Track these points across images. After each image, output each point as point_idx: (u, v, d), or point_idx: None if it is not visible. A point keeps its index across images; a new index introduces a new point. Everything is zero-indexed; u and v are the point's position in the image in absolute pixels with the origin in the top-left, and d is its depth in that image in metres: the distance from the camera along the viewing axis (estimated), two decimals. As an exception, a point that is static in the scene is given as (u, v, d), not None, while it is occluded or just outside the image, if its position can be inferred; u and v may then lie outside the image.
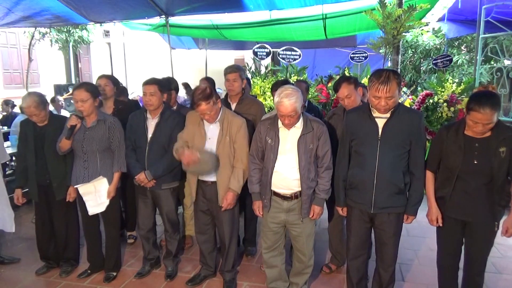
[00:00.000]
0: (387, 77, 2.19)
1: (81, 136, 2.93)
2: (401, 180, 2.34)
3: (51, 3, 5.28)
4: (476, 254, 2.42)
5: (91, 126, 2.94)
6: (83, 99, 2.86)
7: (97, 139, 2.93)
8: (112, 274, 3.19)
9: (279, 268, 2.80)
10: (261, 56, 5.90)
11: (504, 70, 5.39)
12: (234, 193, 2.74)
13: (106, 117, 3.03)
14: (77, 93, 2.88)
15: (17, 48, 10.00)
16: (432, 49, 8.28)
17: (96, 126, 2.95)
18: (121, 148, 3.02)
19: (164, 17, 6.03)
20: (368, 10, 4.77)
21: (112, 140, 2.98)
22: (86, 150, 2.93)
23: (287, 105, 2.32)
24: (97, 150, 2.94)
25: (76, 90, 2.90)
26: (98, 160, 2.97)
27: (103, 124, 2.96)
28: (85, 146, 2.92)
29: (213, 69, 8.85)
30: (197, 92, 2.64)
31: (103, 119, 2.98)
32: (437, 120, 5.04)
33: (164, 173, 2.96)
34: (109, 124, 2.98)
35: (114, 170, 3.01)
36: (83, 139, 2.92)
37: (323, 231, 3.82)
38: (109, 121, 2.99)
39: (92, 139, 2.92)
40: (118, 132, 3.01)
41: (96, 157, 2.96)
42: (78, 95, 2.87)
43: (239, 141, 2.74)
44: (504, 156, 2.20)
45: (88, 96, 2.87)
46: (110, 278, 3.15)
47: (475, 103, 2.11)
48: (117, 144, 3.01)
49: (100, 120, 2.97)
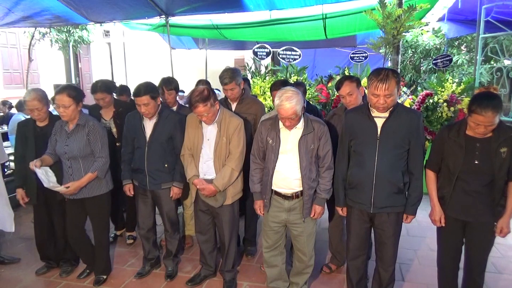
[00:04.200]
0: (386, 75, 2.20)
1: (63, 142, 2.83)
2: (400, 179, 2.34)
3: (51, 3, 5.28)
4: (476, 254, 2.42)
5: (72, 130, 2.83)
6: (65, 105, 2.72)
7: (78, 145, 2.81)
8: (102, 277, 3.14)
9: (279, 267, 2.80)
10: (261, 56, 5.91)
11: (504, 70, 5.40)
12: (215, 188, 2.72)
13: (88, 121, 2.87)
14: (58, 98, 2.72)
15: (17, 48, 10.00)
16: (432, 49, 8.28)
17: (75, 131, 2.83)
18: (104, 156, 2.90)
19: (164, 17, 6.03)
20: (368, 10, 4.77)
21: (94, 147, 2.85)
22: (69, 156, 2.83)
23: (288, 108, 2.33)
24: (78, 156, 2.83)
25: (58, 95, 2.74)
26: (81, 166, 2.86)
27: (82, 129, 2.83)
28: (68, 153, 2.82)
29: (213, 69, 8.86)
30: (194, 94, 2.63)
31: (83, 124, 2.84)
32: (437, 120, 5.04)
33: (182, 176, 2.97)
34: (88, 129, 2.83)
35: (90, 172, 2.86)
36: (66, 146, 2.82)
37: (323, 231, 3.82)
38: (89, 126, 2.84)
39: (73, 145, 2.81)
40: (99, 138, 2.86)
41: (79, 163, 2.85)
42: (60, 101, 2.72)
43: (234, 141, 2.74)
44: (505, 156, 2.20)
45: (70, 102, 2.74)
46: (100, 281, 3.11)
47: (477, 105, 2.11)
48: (98, 151, 2.87)
49: (80, 124, 2.83)
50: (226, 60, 11.68)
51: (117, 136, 3.54)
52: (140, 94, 2.83)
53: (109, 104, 3.55)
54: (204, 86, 2.78)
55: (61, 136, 2.86)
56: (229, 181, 2.74)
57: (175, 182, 3.01)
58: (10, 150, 4.59)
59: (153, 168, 2.98)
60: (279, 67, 7.00)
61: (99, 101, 3.49)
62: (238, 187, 2.87)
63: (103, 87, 3.46)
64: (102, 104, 3.52)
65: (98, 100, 3.49)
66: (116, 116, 3.56)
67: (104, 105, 3.53)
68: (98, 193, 2.95)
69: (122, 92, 4.35)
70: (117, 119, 3.54)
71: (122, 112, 3.46)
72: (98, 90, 3.44)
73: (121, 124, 3.30)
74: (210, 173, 2.79)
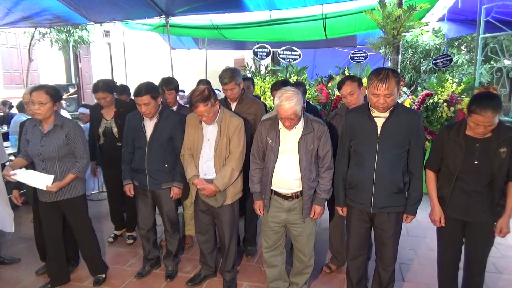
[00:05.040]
0: (386, 74, 2.21)
1: (38, 143, 2.74)
2: (400, 179, 2.34)
3: (51, 3, 5.28)
4: (476, 254, 2.42)
5: (48, 131, 2.74)
6: (42, 101, 2.65)
7: (54, 146, 2.73)
8: (101, 276, 3.12)
9: (279, 267, 2.80)
10: (261, 56, 5.91)
11: (504, 70, 5.40)
12: (215, 188, 2.73)
13: (65, 122, 2.80)
14: (36, 95, 2.65)
15: (17, 48, 10.00)
16: (432, 49, 8.28)
17: (52, 132, 2.74)
18: (85, 157, 2.85)
19: (164, 17, 6.03)
20: (368, 10, 4.77)
21: (74, 148, 2.79)
22: (44, 157, 2.73)
23: (287, 108, 2.33)
24: (55, 157, 2.74)
25: (36, 91, 2.67)
26: (57, 168, 2.78)
27: (59, 130, 2.75)
28: (43, 154, 2.72)
29: (213, 69, 8.85)
30: (195, 94, 2.63)
31: (60, 124, 2.76)
32: (437, 120, 5.04)
33: (183, 176, 2.96)
34: (67, 130, 2.76)
35: (71, 172, 2.80)
36: (41, 146, 2.73)
37: (323, 231, 3.83)
38: (68, 127, 2.77)
39: (48, 146, 2.72)
40: (79, 139, 2.81)
41: (55, 164, 2.77)
42: (36, 97, 2.65)
43: (234, 141, 2.75)
44: (505, 156, 2.20)
45: (47, 99, 2.67)
46: (99, 281, 3.08)
47: (476, 106, 2.11)
48: (80, 153, 2.81)
49: (57, 125, 2.75)
50: (226, 60, 11.68)
51: (118, 136, 3.54)
52: (140, 94, 2.83)
53: (110, 104, 3.55)
54: (204, 86, 2.78)
55: (34, 136, 2.76)
56: (229, 181, 2.74)
57: (175, 182, 3.01)
58: (11, 150, 4.59)
59: (153, 168, 2.98)
60: (279, 67, 7.00)
61: (100, 100, 3.50)
62: (238, 187, 2.88)
63: (104, 87, 3.46)
64: (103, 103, 3.52)
65: (99, 99, 3.49)
66: (117, 116, 3.56)
67: (105, 104, 3.53)
68: (73, 195, 2.88)
69: (123, 92, 4.36)
70: (118, 119, 3.55)
71: (123, 112, 3.46)
72: (100, 90, 3.44)
73: (122, 124, 3.30)
74: (210, 173, 2.79)
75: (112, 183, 3.76)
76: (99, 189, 5.45)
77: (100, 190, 5.42)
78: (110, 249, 3.77)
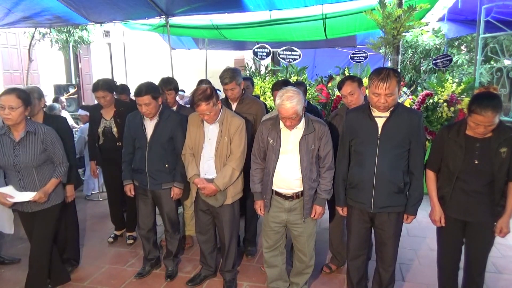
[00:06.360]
0: (387, 74, 2.21)
1: (10, 152, 2.56)
2: (401, 179, 2.34)
3: (51, 3, 5.28)
4: (476, 254, 2.43)
5: (20, 139, 2.56)
6: (13, 106, 2.46)
7: (31, 154, 2.56)
8: None
9: (279, 268, 2.80)
10: (261, 56, 5.91)
11: (504, 70, 5.40)
12: (215, 187, 2.73)
13: (37, 127, 2.63)
14: (6, 99, 2.47)
15: (17, 49, 10.00)
16: (432, 49, 8.28)
17: (25, 139, 2.57)
18: (65, 161, 2.73)
19: (164, 18, 6.03)
20: (368, 10, 4.78)
21: (54, 154, 2.66)
22: (20, 168, 2.57)
23: (288, 107, 2.33)
24: (32, 166, 2.59)
25: (6, 95, 2.49)
26: (35, 177, 2.63)
27: (33, 136, 2.58)
28: (19, 164, 2.55)
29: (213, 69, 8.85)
30: (197, 93, 2.64)
31: (33, 131, 2.59)
32: (437, 120, 5.04)
33: (183, 177, 2.96)
34: (42, 136, 2.60)
35: (54, 177, 2.69)
36: (15, 156, 2.56)
37: (323, 231, 3.83)
38: (42, 133, 2.61)
39: (24, 155, 2.55)
40: (57, 144, 2.67)
41: (33, 173, 2.62)
42: (7, 101, 2.46)
43: (235, 141, 2.75)
44: (505, 156, 2.20)
45: (19, 104, 2.49)
46: None
47: (476, 105, 2.11)
48: (59, 157, 2.69)
49: (30, 131, 2.58)
50: (226, 60, 11.68)
51: (118, 136, 3.54)
52: (141, 94, 2.83)
53: (110, 103, 3.55)
54: (207, 85, 2.79)
55: (4, 146, 2.57)
56: (229, 180, 2.74)
57: (175, 183, 3.01)
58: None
59: (153, 168, 2.98)
60: (279, 67, 7.01)
61: (100, 99, 3.49)
62: (238, 187, 2.88)
63: (104, 86, 3.47)
64: (103, 102, 3.51)
65: (99, 98, 3.49)
66: (116, 116, 3.56)
67: (105, 104, 3.53)
68: (55, 202, 2.76)
69: (122, 91, 4.36)
70: (118, 119, 3.54)
71: (123, 112, 3.47)
72: (100, 88, 3.45)
73: (122, 124, 3.30)
74: (211, 173, 2.79)
75: (112, 183, 3.76)
76: (99, 189, 5.45)
77: (100, 190, 5.42)
78: (110, 249, 3.77)
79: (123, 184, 3.17)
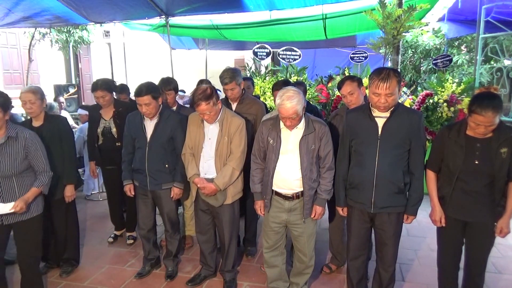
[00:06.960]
0: (387, 74, 2.21)
1: None
2: (401, 179, 2.34)
3: (51, 3, 5.29)
4: (476, 254, 2.42)
5: (0, 145, 2.38)
6: None
7: (12, 161, 2.38)
8: None
9: (279, 268, 2.80)
10: (261, 56, 5.91)
11: (504, 70, 5.40)
12: (215, 187, 2.73)
13: (19, 132, 2.44)
14: None
15: (17, 49, 10.00)
16: (432, 49, 8.28)
17: (5, 145, 2.38)
18: (48, 170, 2.54)
19: (164, 18, 6.04)
20: (368, 10, 4.77)
21: (36, 161, 2.47)
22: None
23: (288, 107, 2.33)
24: (12, 174, 2.40)
25: None
26: (15, 185, 2.43)
27: (14, 142, 2.40)
28: None
29: (213, 70, 8.85)
30: (197, 92, 2.65)
31: (15, 136, 2.40)
32: (437, 120, 5.04)
33: (183, 177, 2.97)
34: (24, 142, 2.42)
35: (34, 186, 2.47)
36: None
37: (324, 231, 3.83)
38: (24, 138, 2.43)
39: (5, 162, 2.36)
40: (40, 151, 2.49)
41: (13, 182, 2.42)
42: None
43: (235, 141, 2.75)
44: (505, 156, 2.20)
45: None
46: None
47: (477, 106, 2.11)
48: (42, 166, 2.50)
49: (11, 137, 2.39)
50: (226, 61, 11.68)
51: (117, 136, 3.54)
52: (141, 94, 2.83)
53: (109, 103, 3.55)
54: (207, 85, 2.79)
55: None
56: (229, 180, 2.74)
57: (175, 183, 3.01)
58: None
59: (153, 169, 2.98)
60: (279, 67, 7.01)
61: (99, 99, 3.49)
62: (238, 187, 2.88)
63: (103, 85, 3.47)
64: (102, 102, 3.51)
65: (98, 98, 3.49)
66: (116, 116, 3.56)
67: (104, 103, 3.52)
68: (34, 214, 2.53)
69: (122, 91, 4.36)
70: (117, 119, 3.54)
71: (122, 112, 3.46)
72: (99, 88, 3.44)
73: (121, 124, 3.30)
74: (211, 172, 2.79)
75: (111, 183, 3.75)
76: (99, 189, 5.45)
77: (100, 190, 5.42)
78: (110, 249, 3.77)
79: (123, 184, 3.17)
